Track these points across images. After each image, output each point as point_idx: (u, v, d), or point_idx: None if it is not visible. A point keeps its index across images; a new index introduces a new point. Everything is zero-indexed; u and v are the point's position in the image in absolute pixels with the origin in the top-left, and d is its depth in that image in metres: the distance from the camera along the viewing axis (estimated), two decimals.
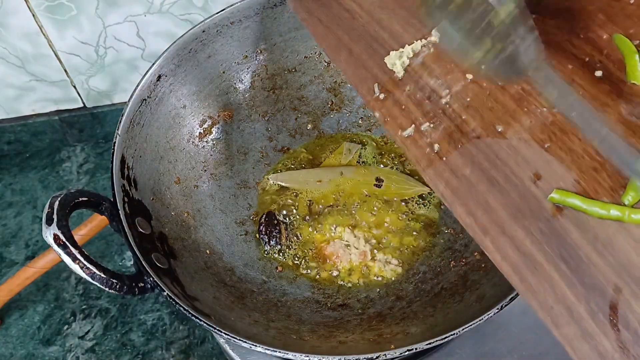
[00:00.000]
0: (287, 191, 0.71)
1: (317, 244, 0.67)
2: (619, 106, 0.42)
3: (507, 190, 0.42)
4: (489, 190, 0.42)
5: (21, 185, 0.95)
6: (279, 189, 0.72)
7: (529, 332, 0.64)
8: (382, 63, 0.50)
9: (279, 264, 0.67)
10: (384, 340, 0.54)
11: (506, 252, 0.40)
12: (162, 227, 0.60)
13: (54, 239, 0.47)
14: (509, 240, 0.40)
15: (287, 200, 0.71)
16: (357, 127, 0.77)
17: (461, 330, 0.48)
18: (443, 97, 0.47)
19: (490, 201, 0.42)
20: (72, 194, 0.51)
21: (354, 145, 0.74)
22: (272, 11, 0.69)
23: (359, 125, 0.77)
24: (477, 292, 0.56)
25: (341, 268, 0.66)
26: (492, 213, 0.41)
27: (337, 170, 0.71)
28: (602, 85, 0.44)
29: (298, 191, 0.71)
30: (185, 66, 0.66)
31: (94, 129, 0.96)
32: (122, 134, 0.59)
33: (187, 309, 0.49)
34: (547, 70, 0.45)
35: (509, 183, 0.42)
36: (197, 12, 0.81)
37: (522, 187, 0.42)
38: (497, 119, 0.45)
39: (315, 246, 0.67)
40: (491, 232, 0.41)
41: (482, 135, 0.44)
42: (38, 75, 0.87)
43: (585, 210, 0.39)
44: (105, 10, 0.79)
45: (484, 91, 0.46)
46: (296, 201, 0.70)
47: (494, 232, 0.41)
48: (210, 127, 0.70)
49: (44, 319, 0.82)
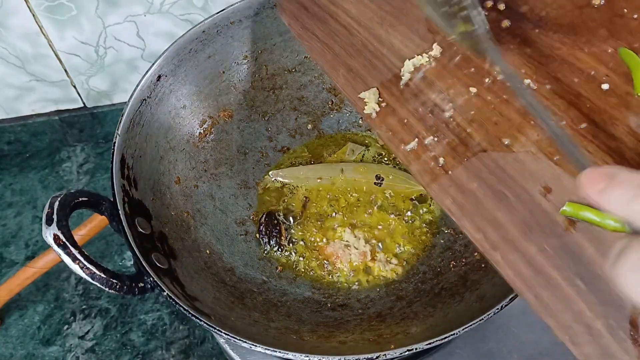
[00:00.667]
0: (287, 191, 0.71)
1: (317, 244, 0.67)
2: (628, 119, 0.42)
3: (517, 204, 0.41)
4: (497, 206, 0.41)
5: (21, 186, 0.95)
6: (279, 188, 0.72)
7: (529, 332, 0.64)
8: (383, 78, 0.50)
9: (279, 264, 0.67)
10: (384, 340, 0.54)
11: (519, 268, 0.39)
12: (162, 227, 0.60)
13: (54, 239, 0.47)
14: (520, 257, 0.39)
15: (287, 200, 0.71)
16: (357, 127, 0.77)
17: (461, 330, 0.48)
18: (446, 110, 0.46)
19: (499, 216, 0.41)
20: (72, 194, 0.51)
21: (358, 146, 0.74)
22: (272, 11, 0.69)
23: (359, 125, 0.77)
24: (477, 292, 0.56)
25: (341, 268, 0.66)
26: (501, 228, 0.40)
27: (337, 167, 0.71)
28: (609, 98, 0.43)
29: (298, 189, 0.71)
30: (185, 66, 0.66)
31: (94, 129, 0.97)
32: (122, 134, 0.59)
33: (187, 309, 0.49)
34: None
35: (517, 197, 0.41)
36: (197, 12, 0.81)
37: (531, 201, 0.40)
38: (503, 133, 0.44)
39: (315, 246, 0.67)
40: (502, 248, 0.40)
41: (488, 149, 0.44)
42: (38, 75, 0.87)
43: (599, 224, 0.37)
44: (105, 11, 0.79)
45: (488, 105, 0.46)
46: (295, 201, 0.70)
47: (505, 248, 0.40)
48: (210, 127, 0.70)
49: (44, 319, 0.82)
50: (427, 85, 0.49)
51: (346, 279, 0.65)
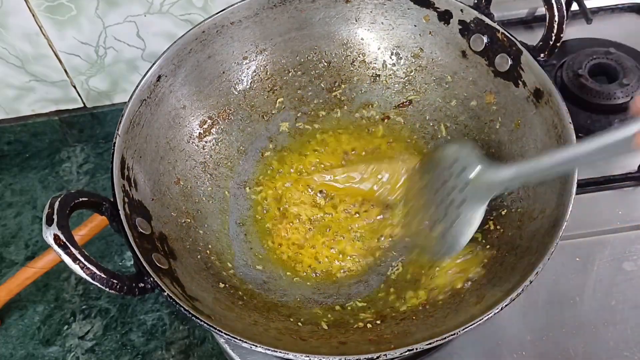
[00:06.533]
0: (287, 191, 0.71)
1: (317, 244, 0.67)
2: None
3: None
4: None
5: (21, 186, 0.95)
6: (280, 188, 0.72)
7: (529, 333, 0.64)
8: None
9: (279, 264, 0.67)
10: (384, 340, 0.55)
11: None
12: (162, 228, 0.59)
13: (54, 239, 0.47)
14: None
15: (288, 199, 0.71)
16: (357, 127, 0.77)
17: (461, 330, 0.48)
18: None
19: None
20: (72, 195, 0.50)
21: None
22: (272, 11, 0.69)
23: (359, 125, 0.76)
24: (477, 293, 0.56)
25: (341, 269, 0.66)
26: None
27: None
28: None
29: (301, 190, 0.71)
30: (185, 66, 0.66)
31: (94, 129, 0.97)
32: (122, 134, 0.58)
33: (187, 309, 0.49)
34: None
35: None
36: (197, 12, 0.81)
37: None
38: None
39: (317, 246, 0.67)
40: None
41: None
42: (38, 76, 0.87)
43: None
44: (105, 11, 0.80)
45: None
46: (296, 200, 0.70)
47: None
48: (210, 127, 0.70)
49: (43, 319, 0.82)
50: None
51: (346, 279, 0.65)
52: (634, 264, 0.68)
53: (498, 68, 0.66)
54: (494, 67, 0.66)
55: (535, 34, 0.57)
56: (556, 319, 0.65)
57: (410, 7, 0.70)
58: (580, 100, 0.77)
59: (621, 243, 0.69)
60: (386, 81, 0.75)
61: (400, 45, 0.73)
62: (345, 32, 0.73)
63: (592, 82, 0.78)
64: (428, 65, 0.72)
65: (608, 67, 0.80)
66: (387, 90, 0.75)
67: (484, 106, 0.68)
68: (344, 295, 0.64)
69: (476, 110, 0.69)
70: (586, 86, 0.77)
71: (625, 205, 0.72)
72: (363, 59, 0.74)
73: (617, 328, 0.64)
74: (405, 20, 0.71)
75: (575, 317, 0.65)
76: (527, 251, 0.55)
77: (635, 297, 0.65)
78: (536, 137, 0.61)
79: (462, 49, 0.69)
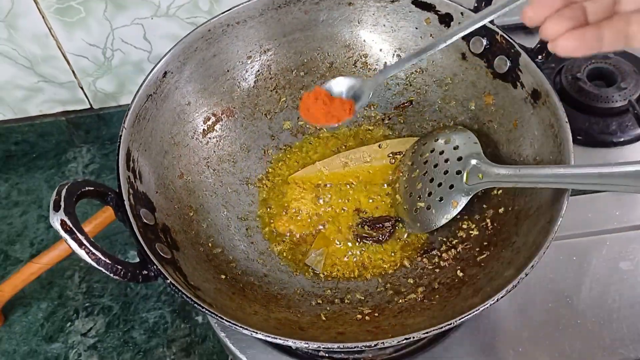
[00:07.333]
0: (289, 187, 0.72)
1: (317, 239, 0.68)
2: None
3: None
4: None
5: (27, 185, 0.96)
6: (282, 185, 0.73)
7: (526, 330, 0.64)
8: None
9: (279, 258, 0.68)
10: (382, 331, 0.55)
11: None
12: (166, 220, 0.60)
13: (61, 225, 0.48)
14: None
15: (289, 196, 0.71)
16: (358, 127, 0.78)
17: (457, 320, 0.48)
18: None
19: None
20: (79, 183, 0.51)
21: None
22: (276, 12, 0.70)
23: (359, 125, 0.77)
24: (473, 286, 0.57)
25: (340, 263, 0.67)
26: None
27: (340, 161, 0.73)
28: None
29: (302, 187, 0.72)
30: (191, 64, 0.67)
31: (100, 130, 0.98)
32: (129, 127, 0.59)
33: (189, 297, 0.50)
34: None
35: None
36: (203, 15, 0.82)
37: None
38: None
39: (316, 241, 0.68)
40: None
41: None
42: (46, 77, 0.88)
43: None
44: (113, 13, 0.81)
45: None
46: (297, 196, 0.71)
47: None
48: (214, 124, 0.71)
49: (47, 316, 0.83)
50: None
51: (345, 273, 0.66)
52: (630, 264, 0.68)
53: (497, 70, 0.67)
54: (493, 69, 0.67)
55: (534, 38, 0.58)
56: (553, 317, 0.65)
57: (411, 10, 0.71)
58: (579, 103, 0.79)
59: (618, 243, 0.70)
60: (387, 82, 0.76)
61: (402, 47, 0.74)
62: (348, 33, 0.74)
63: (591, 86, 0.79)
64: (428, 67, 0.74)
65: (606, 71, 0.81)
66: (388, 91, 0.76)
67: (483, 107, 0.69)
68: (342, 288, 0.64)
69: (475, 111, 0.70)
70: (584, 90, 0.79)
71: (623, 206, 0.73)
72: (365, 60, 0.75)
73: (613, 326, 0.64)
74: (407, 22, 0.72)
75: (571, 315, 0.65)
76: (523, 247, 0.56)
77: (631, 296, 0.66)
78: (533, 136, 0.62)
79: (462, 52, 0.70)
